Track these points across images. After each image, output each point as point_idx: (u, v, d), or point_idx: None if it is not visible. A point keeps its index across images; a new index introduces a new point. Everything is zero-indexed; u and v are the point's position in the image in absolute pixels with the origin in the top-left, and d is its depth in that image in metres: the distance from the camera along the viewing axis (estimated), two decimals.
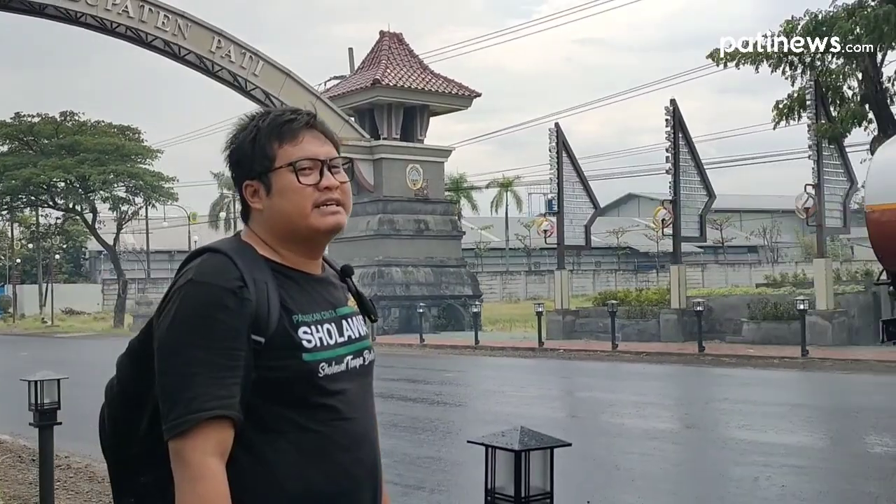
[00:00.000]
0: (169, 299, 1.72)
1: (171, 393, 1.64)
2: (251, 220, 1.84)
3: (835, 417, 10.85)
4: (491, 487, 3.03)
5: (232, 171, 1.86)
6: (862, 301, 18.66)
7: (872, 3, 18.07)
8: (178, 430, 1.61)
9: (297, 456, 1.71)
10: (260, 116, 1.85)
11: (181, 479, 1.62)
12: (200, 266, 1.72)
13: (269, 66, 27.99)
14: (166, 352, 1.67)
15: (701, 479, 7.69)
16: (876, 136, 18.28)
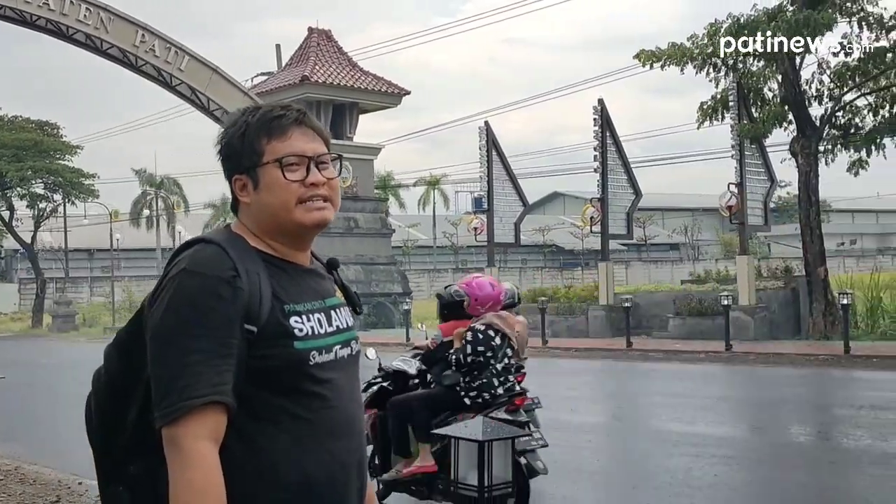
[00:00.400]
0: (162, 288, 1.73)
1: (166, 380, 1.65)
2: (241, 212, 1.86)
3: (760, 409, 11.20)
4: (454, 477, 3.09)
5: (222, 165, 1.88)
6: (782, 297, 19.24)
7: (791, 8, 18.65)
8: (173, 416, 1.63)
9: (289, 443, 1.73)
10: (250, 112, 1.87)
11: (175, 465, 1.63)
12: (194, 256, 1.74)
13: (195, 62, 27.57)
14: (161, 340, 1.68)
15: (636, 470, 7.88)
16: (795, 136, 18.87)
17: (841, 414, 10.11)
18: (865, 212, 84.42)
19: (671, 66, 19.49)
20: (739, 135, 19.00)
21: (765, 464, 7.95)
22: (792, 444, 8.95)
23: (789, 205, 54.87)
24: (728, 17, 19.12)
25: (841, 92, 19.36)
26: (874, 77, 19.05)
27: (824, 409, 11.03)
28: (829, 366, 14.86)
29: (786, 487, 7.07)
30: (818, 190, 18.79)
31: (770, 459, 8.12)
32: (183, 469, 1.62)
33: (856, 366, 14.58)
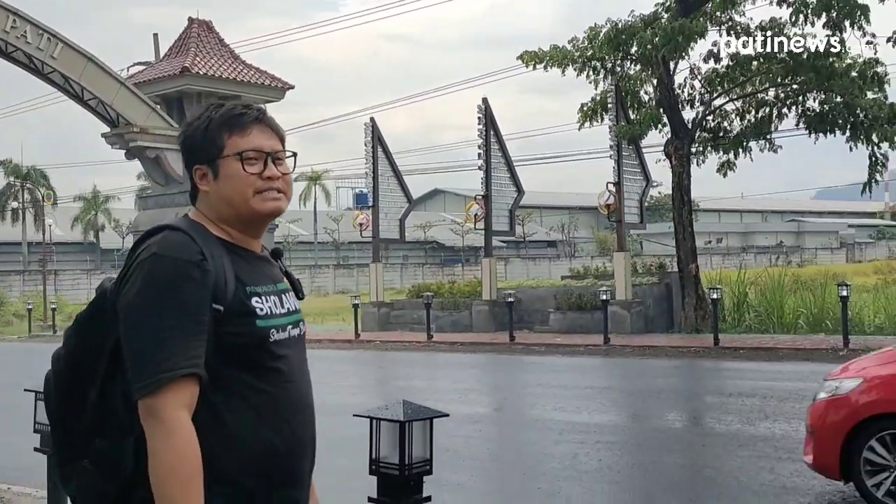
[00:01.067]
0: (132, 271, 1.86)
1: (144, 355, 1.78)
2: (199, 201, 2.01)
3: (638, 398, 11.74)
4: (376, 457, 3.25)
5: (184, 156, 2.02)
6: (656, 292, 20.09)
7: (666, 15, 19.49)
8: (153, 387, 1.75)
9: (252, 415, 1.88)
10: (214, 108, 2.03)
11: (155, 433, 1.76)
12: (163, 242, 1.87)
13: (68, 49, 26.57)
14: (137, 318, 1.81)
15: (525, 457, 8.17)
16: (669, 138, 19.72)
17: (712, 401, 10.72)
18: (730, 211, 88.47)
19: (553, 68, 20.08)
20: (617, 136, 19.72)
21: (645, 448, 8.39)
22: (669, 430, 9.46)
23: (659, 204, 57.08)
24: (607, 23, 19.84)
25: (711, 97, 20.37)
26: (741, 83, 20.12)
27: (697, 397, 11.65)
28: (700, 357, 15.65)
29: (665, 469, 7.51)
30: (690, 190, 19.71)
31: (650, 444, 8.58)
32: (166, 436, 1.75)
33: (724, 357, 15.41)
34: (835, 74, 17.92)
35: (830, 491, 6.39)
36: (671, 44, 17.23)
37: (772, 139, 20.49)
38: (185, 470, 1.74)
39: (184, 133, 2.02)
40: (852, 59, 18.36)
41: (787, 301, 20.32)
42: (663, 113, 19.79)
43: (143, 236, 1.92)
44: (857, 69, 18.12)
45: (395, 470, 3.18)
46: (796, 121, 19.46)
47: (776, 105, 19.88)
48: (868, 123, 18.20)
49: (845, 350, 14.75)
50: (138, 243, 1.93)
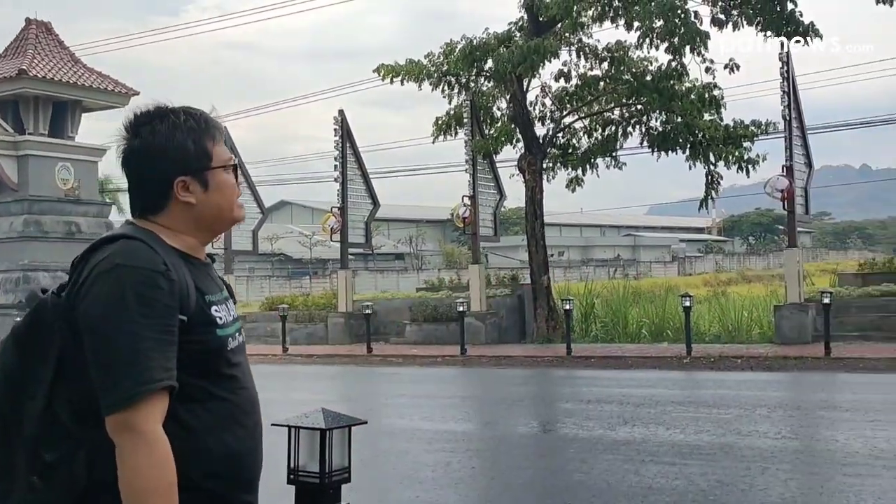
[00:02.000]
0: (92, 283, 1.81)
1: (119, 368, 1.74)
2: (167, 212, 1.95)
3: (502, 406, 11.99)
4: (294, 466, 3.22)
5: (153, 165, 1.94)
6: (509, 303, 20.57)
7: (518, 34, 20.08)
8: (131, 401, 1.72)
9: (213, 422, 1.88)
10: (187, 115, 1.98)
11: (133, 447, 1.72)
12: (125, 251, 1.83)
13: None
14: (108, 330, 1.76)
15: (398, 467, 8.21)
16: (522, 153, 20.29)
17: (573, 408, 11.09)
18: (571, 226, 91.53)
19: (409, 82, 20.31)
20: (473, 150, 20.11)
21: (515, 454, 8.60)
22: (536, 436, 9.72)
23: (503, 217, 58.49)
24: (462, 39, 20.25)
25: (561, 115, 21.10)
26: (589, 102, 20.95)
27: (558, 404, 12.02)
28: (554, 366, 16.15)
29: (537, 473, 7.72)
30: (543, 204, 20.32)
31: (520, 450, 8.80)
32: (148, 451, 1.72)
33: (577, 366, 15.96)
34: (676, 96, 18.93)
35: (693, 490, 6.75)
36: (527, 62, 17.75)
37: (617, 156, 21.40)
38: (167, 483, 1.73)
39: (161, 143, 1.94)
40: (691, 82, 19.45)
41: (630, 312, 21.25)
42: (516, 129, 20.36)
43: (95, 246, 1.89)
44: (696, 92, 19.20)
45: (315, 478, 3.17)
46: (640, 139, 20.41)
47: (622, 124, 20.78)
48: (706, 143, 19.32)
49: (688, 358, 15.58)
50: (90, 253, 1.88)
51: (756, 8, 17.00)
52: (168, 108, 1.99)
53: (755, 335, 18.49)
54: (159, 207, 1.95)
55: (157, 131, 1.94)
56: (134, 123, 1.96)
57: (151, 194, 1.95)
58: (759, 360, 15.03)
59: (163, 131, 1.94)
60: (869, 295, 17.34)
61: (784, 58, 17.31)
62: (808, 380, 13.45)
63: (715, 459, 7.74)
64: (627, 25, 17.89)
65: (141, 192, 1.97)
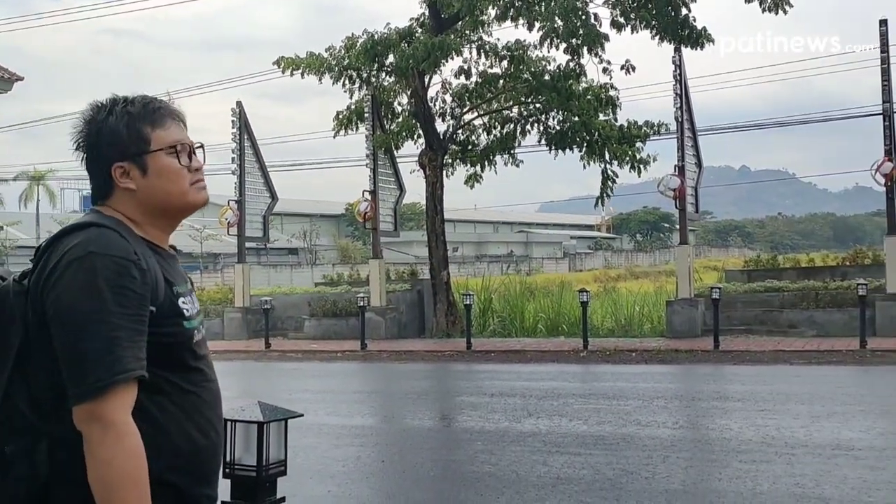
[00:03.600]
0: (62, 271, 1.77)
1: (90, 358, 1.71)
2: (115, 199, 1.94)
3: (406, 400, 12.04)
4: (230, 460, 3.20)
5: (93, 152, 1.94)
6: (409, 298, 20.63)
7: (420, 30, 20.13)
8: (102, 391, 1.69)
9: (179, 414, 1.88)
10: (124, 102, 1.97)
11: (105, 439, 1.70)
12: (96, 239, 1.80)
13: None
14: (80, 319, 1.73)
15: (309, 461, 8.17)
16: (424, 149, 20.36)
17: (477, 401, 11.22)
18: (464, 222, 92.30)
19: (310, 75, 20.11)
20: (374, 145, 20.08)
21: (424, 447, 8.67)
22: (443, 429, 9.82)
23: (401, 212, 58.55)
24: (364, 33, 20.17)
25: (461, 111, 21.26)
26: (488, 100, 21.18)
27: (462, 398, 12.13)
28: (455, 360, 16.29)
29: (448, 466, 7.80)
30: (443, 200, 20.46)
31: (428, 443, 8.88)
32: (118, 441, 1.70)
33: (478, 360, 16.14)
34: (573, 96, 19.33)
35: (600, 479, 6.95)
36: (430, 58, 17.83)
37: (515, 154, 21.70)
38: (138, 474, 1.72)
39: (92, 129, 1.94)
40: (588, 82, 19.89)
41: (526, 307, 21.63)
42: (418, 124, 20.43)
43: (63, 232, 1.85)
44: (592, 92, 19.65)
45: (252, 472, 3.15)
46: (538, 137, 20.75)
47: (520, 122, 21.09)
48: (601, 142, 19.80)
49: (585, 352, 15.97)
50: (57, 239, 1.85)
51: (652, 13, 17.50)
52: (115, 97, 1.99)
53: (647, 329, 19.09)
54: (105, 194, 1.95)
55: (95, 119, 1.95)
56: (87, 114, 1.97)
57: (97, 181, 1.96)
58: (652, 353, 15.52)
59: (99, 119, 1.94)
60: (754, 291, 18.11)
61: (677, 61, 17.89)
62: (699, 372, 13.97)
63: (618, 449, 7.98)
64: (529, 25, 18.16)
65: (90, 179, 1.97)
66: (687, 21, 17.77)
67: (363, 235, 59.42)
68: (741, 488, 6.51)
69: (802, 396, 10.82)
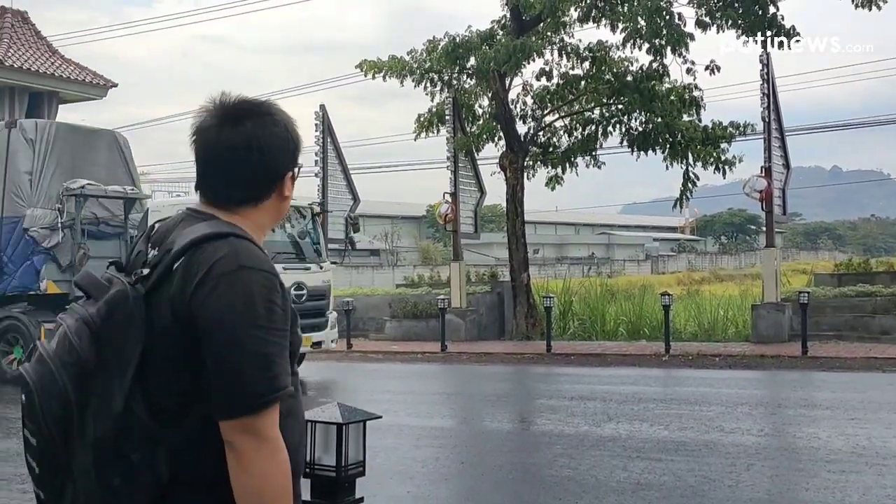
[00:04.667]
0: (216, 284, 1.74)
1: (247, 373, 1.71)
2: (262, 206, 1.92)
3: (486, 403, 12.05)
4: (310, 460, 3.26)
5: (275, 156, 1.90)
6: (489, 300, 20.63)
7: (501, 32, 20.13)
8: (263, 407, 1.71)
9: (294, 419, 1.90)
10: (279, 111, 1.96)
11: (258, 452, 1.71)
12: (244, 253, 1.78)
13: None
14: (237, 334, 1.72)
15: (389, 462, 8.25)
16: (504, 151, 20.35)
17: (557, 405, 11.16)
18: (546, 224, 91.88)
19: (392, 78, 20.31)
20: (455, 147, 20.15)
21: (503, 450, 8.67)
22: (523, 433, 9.80)
23: (481, 214, 58.60)
24: (445, 36, 20.26)
25: (542, 113, 21.17)
26: (569, 102, 21.04)
27: (542, 401, 12.09)
28: (535, 363, 16.23)
29: (527, 469, 7.80)
30: (524, 202, 20.41)
31: (507, 446, 8.87)
32: (273, 456, 1.72)
33: (558, 363, 16.05)
34: (656, 97, 19.07)
35: (681, 486, 6.84)
36: (511, 61, 17.81)
37: (596, 156, 21.50)
38: (288, 487, 1.76)
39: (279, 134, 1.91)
40: (671, 83, 19.60)
41: (607, 310, 21.41)
42: (498, 127, 20.43)
43: (200, 240, 1.79)
44: (676, 93, 19.35)
45: (332, 472, 3.20)
46: (620, 139, 20.53)
47: (602, 123, 20.88)
48: (685, 144, 19.48)
49: (667, 356, 15.73)
50: (195, 246, 1.78)
51: (739, 12, 17.15)
52: (262, 101, 1.96)
53: (731, 334, 18.70)
54: (259, 200, 1.91)
55: (270, 123, 1.90)
56: (232, 112, 1.90)
57: (257, 186, 1.90)
58: (736, 358, 15.21)
59: (277, 123, 1.92)
60: (844, 295, 17.58)
61: (764, 60, 17.50)
62: (785, 378, 13.64)
63: (700, 456, 7.85)
64: (612, 26, 18.00)
65: (245, 183, 1.89)
66: (775, 19, 17.36)
67: (444, 237, 59.60)
68: (829, 499, 6.35)
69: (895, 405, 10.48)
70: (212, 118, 1.90)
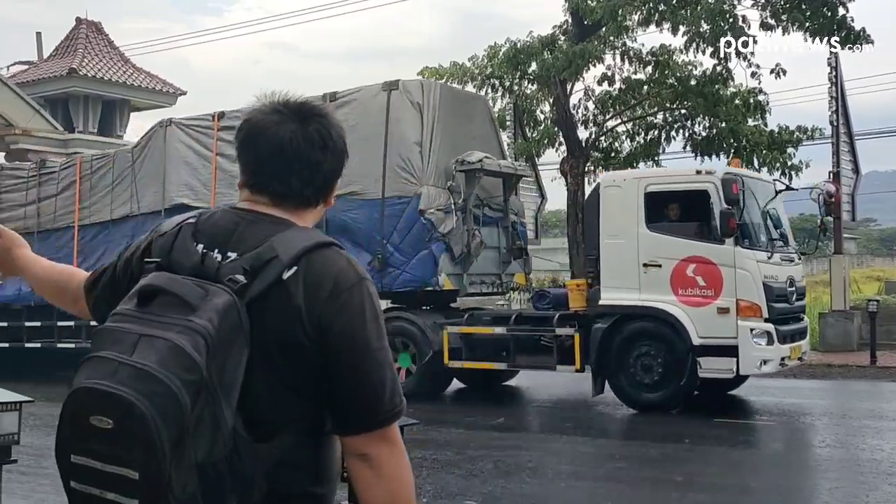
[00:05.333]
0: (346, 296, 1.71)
1: (385, 386, 1.72)
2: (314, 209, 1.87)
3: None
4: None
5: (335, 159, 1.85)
6: None
7: (562, 37, 20.07)
8: (398, 416, 1.75)
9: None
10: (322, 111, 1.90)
11: (396, 460, 1.74)
12: (354, 262, 1.78)
13: None
14: (373, 346, 1.72)
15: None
16: (565, 157, 20.26)
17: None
18: None
19: (453, 84, 20.38)
20: (515, 153, 20.12)
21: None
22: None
23: (543, 220, 58.38)
24: (506, 42, 20.29)
25: (604, 118, 21.03)
26: (632, 106, 20.86)
27: None
28: None
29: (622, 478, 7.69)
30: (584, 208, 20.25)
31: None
32: (402, 457, 1.75)
33: None
34: (720, 101, 18.80)
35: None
36: (571, 66, 17.74)
37: (659, 161, 21.26)
38: (414, 487, 1.79)
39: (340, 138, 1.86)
40: (736, 87, 19.30)
41: None
42: (559, 132, 20.35)
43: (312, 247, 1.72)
44: (740, 97, 19.05)
45: None
46: (684, 144, 20.28)
47: (664, 128, 20.66)
48: (750, 148, 19.14)
49: None
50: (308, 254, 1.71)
51: (806, 14, 16.81)
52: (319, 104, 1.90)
53: None
54: (313, 203, 1.86)
55: (334, 125, 1.85)
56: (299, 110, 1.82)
57: (325, 187, 1.86)
58: (802, 367, 14.84)
59: (337, 127, 1.86)
60: None
61: (832, 63, 17.13)
62: (852, 388, 13.29)
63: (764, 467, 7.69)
64: (673, 29, 17.80)
65: (318, 181, 1.83)
66: (844, 21, 16.97)
67: None
68: None
69: None
70: (278, 115, 1.80)
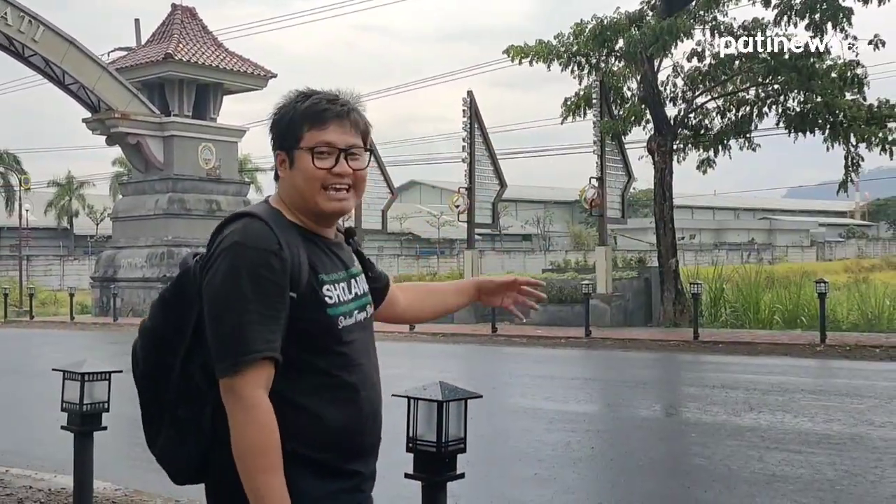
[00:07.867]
0: (216, 257, 1.98)
1: (226, 339, 1.92)
2: (279, 186, 2.14)
3: (624, 389, 11.95)
4: (413, 435, 3.39)
5: (270, 137, 2.15)
6: (635, 286, 20.34)
7: (650, 13, 19.73)
8: (235, 369, 1.89)
9: (320, 395, 2.01)
10: (303, 97, 2.11)
11: (235, 410, 1.90)
12: (244, 230, 1.97)
13: (50, 33, 26.42)
14: (220, 303, 1.93)
15: (519, 445, 8.34)
16: (652, 135, 19.96)
17: (697, 393, 10.94)
18: (703, 208, 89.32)
19: (538, 63, 20.25)
20: (601, 131, 19.93)
21: (635, 437, 8.60)
22: (656, 420, 9.67)
23: (633, 199, 57.59)
24: (592, 19, 20.03)
25: (693, 95, 20.61)
26: (722, 82, 20.38)
27: (681, 389, 11.89)
28: (680, 350, 15.91)
29: (657, 456, 7.71)
30: (672, 186, 19.97)
31: (639, 432, 8.78)
32: (245, 413, 1.89)
33: (704, 350, 15.68)
34: (815, 75, 18.22)
35: (819, 479, 6.60)
36: (658, 42, 17.43)
37: (751, 138, 20.76)
38: (264, 443, 1.88)
39: (272, 117, 2.13)
40: (832, 60, 18.67)
41: (762, 297, 20.67)
42: (646, 109, 20.03)
43: (225, 222, 2.04)
44: (837, 70, 18.42)
45: (432, 447, 3.32)
46: (777, 120, 19.74)
47: (756, 104, 20.14)
48: (847, 124, 18.53)
49: (822, 346, 15.08)
50: (220, 229, 2.04)
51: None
52: (302, 92, 2.14)
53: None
54: (276, 177, 2.14)
55: (277, 111, 2.13)
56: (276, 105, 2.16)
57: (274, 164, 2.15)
58: None
59: (278, 108, 2.13)
60: None
61: None
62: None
63: (844, 449, 7.53)
64: (765, 2, 17.30)
65: None
66: None
67: (595, 222, 58.92)
68: None
69: None
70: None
